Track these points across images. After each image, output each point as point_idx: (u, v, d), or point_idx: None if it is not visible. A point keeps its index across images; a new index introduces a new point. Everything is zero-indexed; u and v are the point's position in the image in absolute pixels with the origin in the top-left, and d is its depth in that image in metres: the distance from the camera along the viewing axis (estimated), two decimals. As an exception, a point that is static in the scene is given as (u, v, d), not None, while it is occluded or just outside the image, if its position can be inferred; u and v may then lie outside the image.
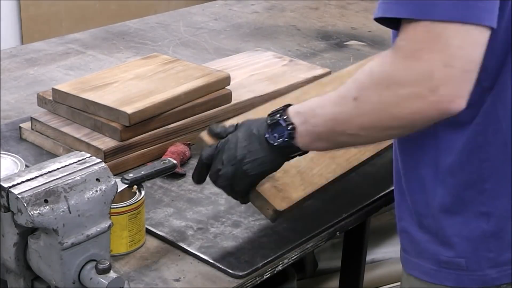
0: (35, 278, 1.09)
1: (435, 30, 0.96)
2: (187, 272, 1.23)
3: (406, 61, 0.99)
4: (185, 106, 1.62)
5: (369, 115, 1.04)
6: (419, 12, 0.97)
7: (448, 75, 0.96)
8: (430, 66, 0.96)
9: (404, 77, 0.99)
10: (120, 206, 1.24)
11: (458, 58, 0.96)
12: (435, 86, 0.96)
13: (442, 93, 0.97)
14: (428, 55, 0.96)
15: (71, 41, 2.26)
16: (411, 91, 0.98)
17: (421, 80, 0.97)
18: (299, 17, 2.58)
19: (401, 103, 1.00)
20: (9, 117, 1.74)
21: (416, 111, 0.99)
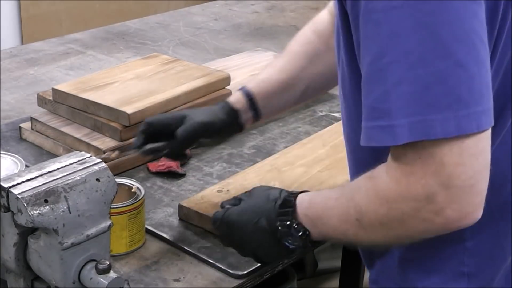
0: (35, 278, 1.09)
1: (426, 151, 0.88)
2: (187, 272, 1.23)
3: (402, 186, 0.91)
4: (185, 106, 1.61)
5: (375, 235, 0.98)
6: (407, 135, 0.87)
7: (450, 196, 0.88)
8: (429, 191, 0.88)
9: (403, 202, 0.92)
10: (120, 206, 1.24)
11: (457, 177, 0.87)
12: (440, 208, 0.89)
13: (448, 214, 0.89)
14: (425, 179, 0.88)
15: (71, 41, 2.26)
16: (414, 214, 0.91)
17: (423, 205, 0.90)
18: (299, 17, 2.58)
19: (406, 223, 0.93)
20: (9, 117, 1.74)
21: (423, 230, 0.93)
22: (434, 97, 0.86)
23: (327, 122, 1.76)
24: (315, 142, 1.59)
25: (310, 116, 1.80)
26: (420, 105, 0.86)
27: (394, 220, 0.94)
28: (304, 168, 1.47)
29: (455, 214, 0.89)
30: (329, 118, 1.78)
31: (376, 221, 0.96)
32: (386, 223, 0.95)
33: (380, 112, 0.89)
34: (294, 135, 1.69)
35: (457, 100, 0.86)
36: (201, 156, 1.59)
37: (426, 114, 0.86)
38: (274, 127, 1.74)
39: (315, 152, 1.54)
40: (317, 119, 1.78)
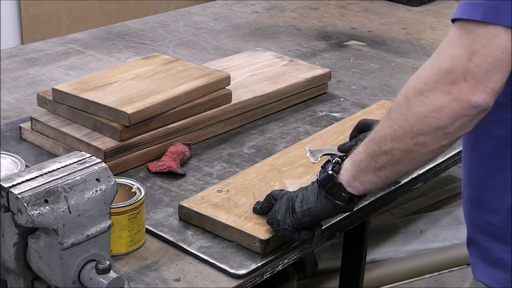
0: (35, 278, 1.09)
1: (467, 28, 1.00)
2: (187, 272, 1.23)
3: (436, 55, 1.03)
4: (185, 106, 1.62)
5: (398, 121, 1.06)
6: (458, 13, 1.01)
7: (468, 68, 0.99)
8: (452, 60, 1.00)
9: (429, 75, 1.02)
10: (120, 206, 1.24)
11: (479, 55, 0.99)
12: (456, 78, 0.99)
13: (461, 85, 0.99)
14: (453, 49, 1.00)
15: (71, 41, 2.26)
16: (433, 86, 1.01)
17: (444, 74, 1.00)
18: (299, 17, 2.58)
19: (424, 101, 1.02)
20: (9, 117, 1.74)
21: (438, 106, 1.01)
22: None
23: (327, 122, 1.76)
24: (315, 142, 1.59)
25: (310, 116, 1.80)
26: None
27: (417, 96, 1.03)
28: (304, 168, 1.48)
29: (467, 86, 0.99)
30: (329, 118, 1.78)
31: (402, 100, 1.06)
32: (410, 102, 1.04)
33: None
34: (294, 135, 1.69)
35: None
36: (201, 156, 1.59)
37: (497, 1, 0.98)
38: (274, 127, 1.74)
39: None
40: (317, 119, 1.78)
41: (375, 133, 1.11)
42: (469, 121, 1.02)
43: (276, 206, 1.25)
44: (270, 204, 1.27)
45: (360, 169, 1.14)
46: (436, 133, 1.04)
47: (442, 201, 2.83)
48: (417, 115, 1.04)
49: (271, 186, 1.41)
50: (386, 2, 2.77)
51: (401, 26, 2.53)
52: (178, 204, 1.36)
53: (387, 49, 2.28)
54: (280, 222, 1.22)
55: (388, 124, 1.08)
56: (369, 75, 2.08)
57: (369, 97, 1.93)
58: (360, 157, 1.14)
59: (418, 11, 2.71)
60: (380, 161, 1.11)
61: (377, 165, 1.12)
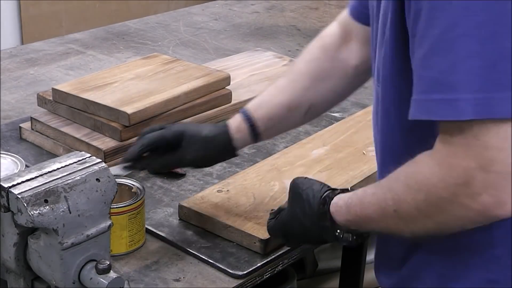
0: (35, 278, 1.09)
1: (472, 131, 0.87)
2: (187, 272, 1.23)
3: (443, 170, 0.90)
4: (185, 106, 1.62)
5: (415, 224, 0.98)
6: (471, 111, 0.86)
7: (488, 181, 0.87)
8: (469, 174, 0.88)
9: (442, 186, 0.91)
10: (120, 206, 1.24)
11: (498, 162, 0.86)
12: (477, 193, 0.88)
13: (485, 200, 0.88)
14: (466, 162, 0.88)
15: (71, 41, 2.26)
16: (452, 199, 0.91)
17: (461, 189, 0.89)
18: (299, 17, 2.58)
19: (443, 210, 0.93)
20: (9, 117, 1.74)
21: (460, 217, 0.92)
22: (501, 74, 0.85)
23: (327, 122, 1.75)
24: (315, 142, 1.59)
25: (310, 116, 1.80)
26: (487, 82, 0.85)
27: (432, 206, 0.93)
28: (304, 168, 1.48)
29: (491, 200, 0.88)
30: (329, 118, 1.78)
31: (414, 210, 0.95)
32: (424, 210, 0.94)
33: (446, 85, 0.87)
34: (294, 135, 1.69)
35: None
36: (201, 156, 1.59)
37: (492, 91, 0.85)
38: (274, 127, 1.74)
39: (315, 152, 1.54)
40: (317, 119, 1.78)
41: (385, 226, 1.02)
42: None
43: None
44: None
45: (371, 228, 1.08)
46: (459, 229, 0.97)
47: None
48: (438, 223, 0.95)
49: (271, 186, 1.41)
50: (386, 2, 2.77)
51: (401, 26, 2.53)
52: (178, 204, 1.36)
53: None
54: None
55: (402, 223, 0.99)
56: (369, 75, 2.08)
57: (369, 97, 1.93)
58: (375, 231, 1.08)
59: (418, 11, 2.71)
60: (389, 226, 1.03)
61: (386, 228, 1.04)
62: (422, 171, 0.93)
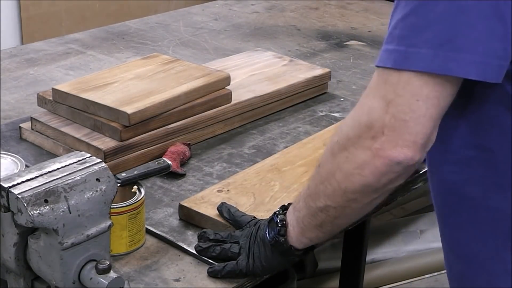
0: (35, 278, 1.09)
1: (382, 76, 0.95)
2: (187, 272, 1.23)
3: (355, 109, 0.98)
4: (185, 106, 1.62)
5: (327, 178, 1.02)
6: (377, 60, 0.97)
7: (386, 123, 0.94)
8: (370, 113, 0.95)
9: (351, 125, 0.98)
10: (120, 206, 1.24)
11: (394, 105, 0.93)
12: (376, 133, 0.95)
13: (383, 141, 0.94)
14: (371, 101, 0.96)
15: (71, 41, 2.26)
16: (355, 142, 0.97)
17: (364, 129, 0.96)
18: (299, 17, 2.58)
19: (349, 157, 0.98)
20: (9, 117, 1.74)
21: (361, 163, 0.97)
22: (430, 33, 0.92)
23: (327, 122, 1.76)
24: (315, 142, 1.59)
25: (310, 116, 1.80)
26: (413, 38, 0.93)
27: (342, 152, 0.99)
28: (304, 168, 1.47)
29: (388, 142, 0.94)
30: (329, 118, 1.78)
31: (329, 157, 1.02)
32: (336, 159, 1.00)
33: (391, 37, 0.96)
34: (294, 135, 1.69)
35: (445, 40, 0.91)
36: (201, 156, 1.59)
37: (413, 46, 0.93)
38: (274, 127, 1.74)
39: (315, 152, 1.54)
40: (317, 119, 1.78)
41: (310, 188, 1.07)
42: (397, 177, 0.98)
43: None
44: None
45: (305, 226, 1.11)
46: (364, 189, 1.00)
47: (442, 201, 2.82)
48: (343, 172, 1.00)
49: (271, 186, 1.41)
50: (386, 2, 2.77)
51: (401, 26, 2.53)
52: (179, 204, 1.36)
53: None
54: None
55: (319, 179, 1.05)
56: (369, 75, 2.08)
57: (369, 97, 1.93)
58: (302, 213, 1.10)
59: (418, 11, 2.71)
60: (319, 218, 1.08)
61: (317, 222, 1.08)
62: (342, 127, 1.01)
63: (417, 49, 0.92)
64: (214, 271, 1.20)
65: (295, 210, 1.13)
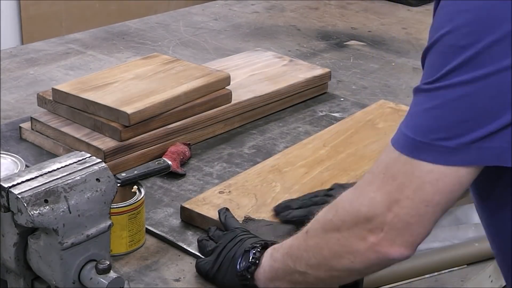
0: (35, 278, 1.09)
1: (393, 162, 0.91)
2: (187, 272, 1.23)
3: (355, 193, 0.95)
4: (185, 106, 1.62)
5: (313, 250, 1.01)
6: (400, 145, 0.91)
7: (388, 220, 0.91)
8: (372, 206, 0.92)
9: (348, 209, 0.95)
10: (120, 206, 1.24)
11: (401, 207, 0.90)
12: (374, 227, 0.92)
13: (380, 236, 0.92)
14: (375, 193, 0.91)
15: (71, 41, 2.26)
16: (350, 228, 0.94)
17: (361, 220, 0.93)
18: (299, 17, 2.58)
19: (341, 240, 0.96)
20: (9, 117, 1.74)
21: (354, 251, 0.95)
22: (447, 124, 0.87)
23: (327, 122, 1.76)
24: (316, 142, 1.59)
25: (310, 116, 1.80)
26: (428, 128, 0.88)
27: (334, 228, 0.96)
28: (305, 168, 1.47)
29: (386, 240, 0.91)
30: (329, 118, 1.78)
31: (320, 231, 1.00)
32: (327, 236, 0.97)
33: (407, 120, 0.91)
34: (294, 135, 1.69)
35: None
36: (201, 156, 1.59)
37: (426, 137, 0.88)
38: (274, 127, 1.74)
39: (315, 152, 1.54)
40: (317, 119, 1.78)
41: (292, 249, 1.05)
42: (383, 267, 0.98)
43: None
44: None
45: (277, 276, 1.09)
46: (350, 273, 0.99)
47: (442, 201, 2.82)
48: (332, 252, 0.98)
49: (272, 187, 1.41)
50: (386, 2, 2.77)
51: (401, 26, 2.53)
52: (180, 206, 1.35)
53: (387, 49, 2.28)
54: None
55: (304, 247, 1.03)
56: (369, 75, 2.08)
57: (369, 97, 1.93)
58: (277, 265, 1.08)
59: (418, 11, 2.71)
60: (294, 278, 1.06)
61: (292, 279, 1.07)
62: (338, 203, 0.98)
63: (440, 142, 0.87)
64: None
65: (271, 258, 1.10)
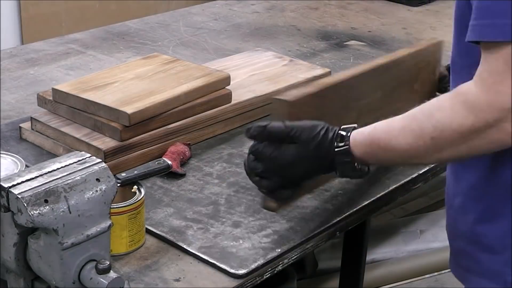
0: (35, 278, 1.09)
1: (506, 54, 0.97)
2: (187, 272, 1.23)
3: (491, 95, 0.99)
4: (185, 106, 1.62)
5: (448, 150, 1.05)
6: (501, 35, 0.97)
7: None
8: (508, 99, 0.97)
9: (489, 111, 0.99)
10: (120, 206, 1.24)
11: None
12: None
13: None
14: (507, 88, 0.97)
15: (71, 41, 2.26)
16: (492, 124, 1.00)
17: (503, 113, 0.98)
18: (299, 17, 2.58)
19: (481, 134, 1.01)
20: (9, 117, 1.74)
21: (494, 140, 1.01)
22: None
23: (327, 122, 1.75)
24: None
25: (310, 116, 1.79)
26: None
27: (475, 130, 1.01)
28: None
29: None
30: (329, 118, 1.78)
31: (457, 135, 1.02)
32: (466, 134, 1.02)
33: (495, 11, 0.97)
34: (294, 135, 1.69)
35: None
36: (201, 156, 1.59)
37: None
38: (274, 127, 1.73)
39: None
40: (317, 119, 1.78)
41: (413, 149, 1.08)
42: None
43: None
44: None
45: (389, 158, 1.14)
46: (481, 154, 1.07)
47: (442, 201, 2.82)
48: (471, 147, 1.03)
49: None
50: (386, 2, 2.77)
51: (401, 26, 2.53)
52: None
53: (387, 49, 2.28)
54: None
55: (434, 148, 1.06)
56: (369, 75, 2.08)
57: (369, 97, 1.93)
58: (392, 161, 1.16)
59: (418, 11, 2.71)
60: (417, 154, 1.09)
61: (410, 156, 1.10)
62: (469, 98, 1.01)
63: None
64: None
65: (378, 159, 1.14)
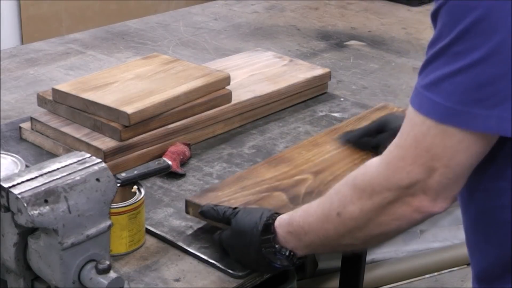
0: (35, 278, 1.09)
1: (424, 130, 0.94)
2: (187, 272, 1.23)
3: (389, 170, 0.98)
4: (185, 106, 1.62)
5: (356, 228, 1.05)
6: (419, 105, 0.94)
7: (428, 185, 0.96)
8: (412, 178, 0.96)
9: (387, 186, 0.99)
10: (120, 206, 1.24)
11: (440, 174, 0.94)
12: (415, 191, 0.97)
13: (422, 198, 0.97)
14: (411, 167, 0.95)
15: (71, 41, 2.26)
16: (393, 199, 0.99)
17: (403, 190, 0.97)
18: (299, 17, 2.58)
19: (385, 210, 1.00)
20: (9, 117, 1.74)
21: (400, 217, 1.00)
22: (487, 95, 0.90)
23: (327, 122, 1.76)
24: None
25: (310, 116, 1.80)
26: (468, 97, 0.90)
27: (375, 206, 1.00)
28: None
29: (429, 201, 0.97)
30: (329, 118, 1.78)
31: (358, 211, 1.02)
32: (367, 211, 1.01)
33: (433, 86, 0.93)
34: (294, 135, 1.69)
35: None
36: (201, 156, 1.59)
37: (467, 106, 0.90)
38: (274, 127, 1.74)
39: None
40: (317, 119, 1.78)
41: (329, 232, 1.08)
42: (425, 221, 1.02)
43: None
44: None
45: (317, 249, 1.16)
46: (394, 233, 1.05)
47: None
48: (377, 224, 1.02)
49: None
50: (386, 2, 2.77)
51: (401, 26, 2.53)
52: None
53: (387, 49, 2.28)
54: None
55: (343, 227, 1.06)
56: (369, 75, 2.08)
57: (369, 97, 1.93)
58: (314, 245, 1.13)
59: (418, 11, 2.71)
60: (339, 248, 1.15)
61: (336, 248, 1.16)
62: (369, 171, 1.01)
63: (468, 109, 0.90)
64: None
65: (301, 241, 1.14)
